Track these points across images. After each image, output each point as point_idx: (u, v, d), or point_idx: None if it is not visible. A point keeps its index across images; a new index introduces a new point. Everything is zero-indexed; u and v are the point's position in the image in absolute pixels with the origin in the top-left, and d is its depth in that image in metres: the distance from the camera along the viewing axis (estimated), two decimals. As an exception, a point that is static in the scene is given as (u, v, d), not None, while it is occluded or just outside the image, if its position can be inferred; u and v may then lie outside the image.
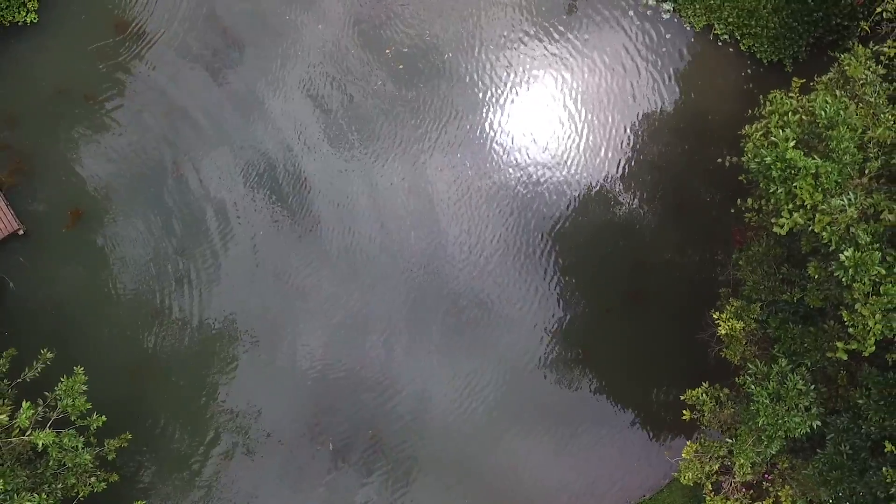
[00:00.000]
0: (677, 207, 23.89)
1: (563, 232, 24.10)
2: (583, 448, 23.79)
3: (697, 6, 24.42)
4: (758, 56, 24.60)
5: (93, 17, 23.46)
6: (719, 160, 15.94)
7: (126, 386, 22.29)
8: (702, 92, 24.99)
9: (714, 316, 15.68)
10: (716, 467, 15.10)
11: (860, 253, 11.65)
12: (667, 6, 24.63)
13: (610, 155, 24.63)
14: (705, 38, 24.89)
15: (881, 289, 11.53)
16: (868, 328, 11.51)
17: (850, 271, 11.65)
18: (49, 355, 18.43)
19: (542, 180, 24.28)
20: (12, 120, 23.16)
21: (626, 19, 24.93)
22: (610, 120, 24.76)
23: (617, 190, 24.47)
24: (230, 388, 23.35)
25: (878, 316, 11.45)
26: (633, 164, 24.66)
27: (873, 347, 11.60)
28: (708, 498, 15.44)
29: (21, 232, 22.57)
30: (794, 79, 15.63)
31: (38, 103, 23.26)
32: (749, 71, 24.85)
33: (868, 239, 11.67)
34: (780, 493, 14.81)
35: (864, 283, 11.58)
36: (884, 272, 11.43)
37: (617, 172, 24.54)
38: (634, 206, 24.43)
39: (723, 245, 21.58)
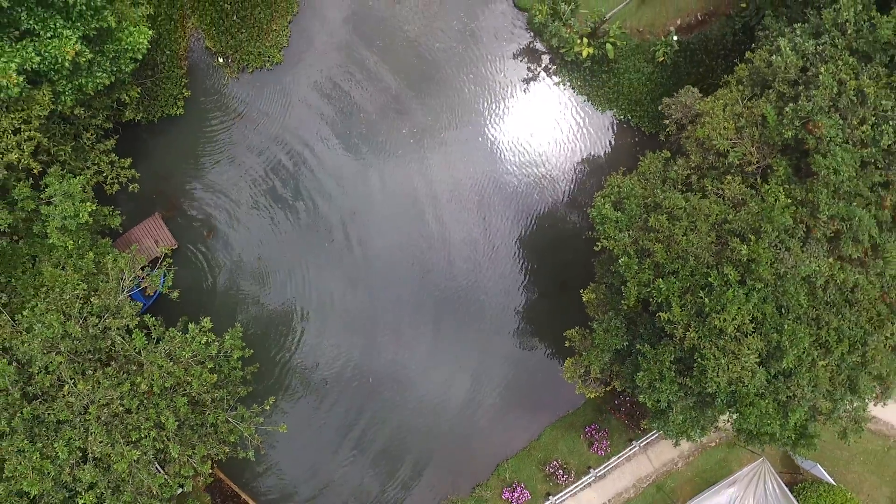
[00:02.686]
0: (589, 229, 38.04)
1: (524, 242, 38.29)
2: (527, 382, 37.97)
3: (601, 98, 38.53)
4: (643, 129, 38.76)
5: (220, 111, 37.54)
6: (586, 209, 30.02)
7: (244, 339, 36.41)
8: (609, 152, 39.07)
9: (581, 293, 29.91)
10: (582, 371, 29.25)
11: (629, 259, 25.74)
12: (582, 97, 38.74)
13: (554, 193, 38.76)
14: (609, 117, 38.99)
15: (638, 275, 25.59)
16: (632, 292, 25.54)
17: (624, 267, 25.74)
18: (210, 324, 32.14)
19: (509, 211, 38.40)
20: (166, 176, 37.29)
21: (562, 105, 38.93)
22: (554, 171, 38.84)
23: (556, 215, 38.61)
24: (298, 346, 37.45)
25: (635, 288, 25.47)
26: (567, 199, 38.85)
27: (633, 302, 25.65)
28: (578, 386, 29.61)
29: (175, 246, 36.62)
30: (621, 168, 29.72)
31: (182, 166, 37.45)
32: (637, 139, 39.04)
33: (633, 252, 25.77)
34: (613, 382, 28.96)
35: (631, 272, 25.63)
36: (636, 268, 25.49)
37: (557, 205, 38.68)
38: (565, 226, 38.57)
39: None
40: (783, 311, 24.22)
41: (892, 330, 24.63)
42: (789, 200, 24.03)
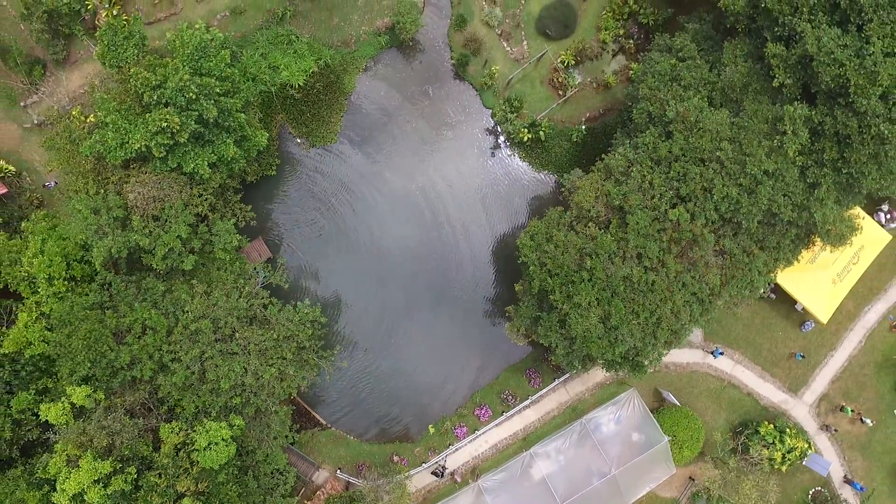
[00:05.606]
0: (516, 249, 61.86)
1: (494, 253, 62.05)
2: (493, 344, 61.66)
3: (538, 164, 62.37)
4: (563, 184, 62.43)
5: (298, 172, 61.16)
6: (517, 240, 53.61)
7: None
8: (543, 196, 62.82)
9: (514, 285, 53.60)
10: (515, 330, 52.82)
11: (535, 267, 49.29)
12: (526, 162, 62.46)
13: (511, 220, 62.47)
14: (543, 175, 62.76)
15: (539, 276, 49.05)
16: (536, 285, 48.94)
17: (532, 272, 49.27)
18: (308, 302, 55.58)
19: (487, 232, 62.14)
20: (265, 214, 60.89)
21: (514, 166, 62.71)
22: (510, 207, 62.59)
23: (515, 235, 62.28)
24: (339, 319, 61.22)
25: (537, 282, 48.93)
26: (518, 224, 62.53)
27: (537, 290, 49.06)
28: (512, 338, 53.27)
29: (270, 257, 60.20)
30: (547, 208, 53.34)
31: (274, 207, 61.11)
32: (561, 188, 62.71)
33: (537, 263, 49.31)
34: (532, 336, 52.58)
35: (535, 274, 49.10)
36: (538, 272, 48.96)
37: (512, 228, 62.40)
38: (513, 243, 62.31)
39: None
40: (613, 295, 47.81)
41: (671, 305, 48.19)
42: (613, 238, 47.69)
